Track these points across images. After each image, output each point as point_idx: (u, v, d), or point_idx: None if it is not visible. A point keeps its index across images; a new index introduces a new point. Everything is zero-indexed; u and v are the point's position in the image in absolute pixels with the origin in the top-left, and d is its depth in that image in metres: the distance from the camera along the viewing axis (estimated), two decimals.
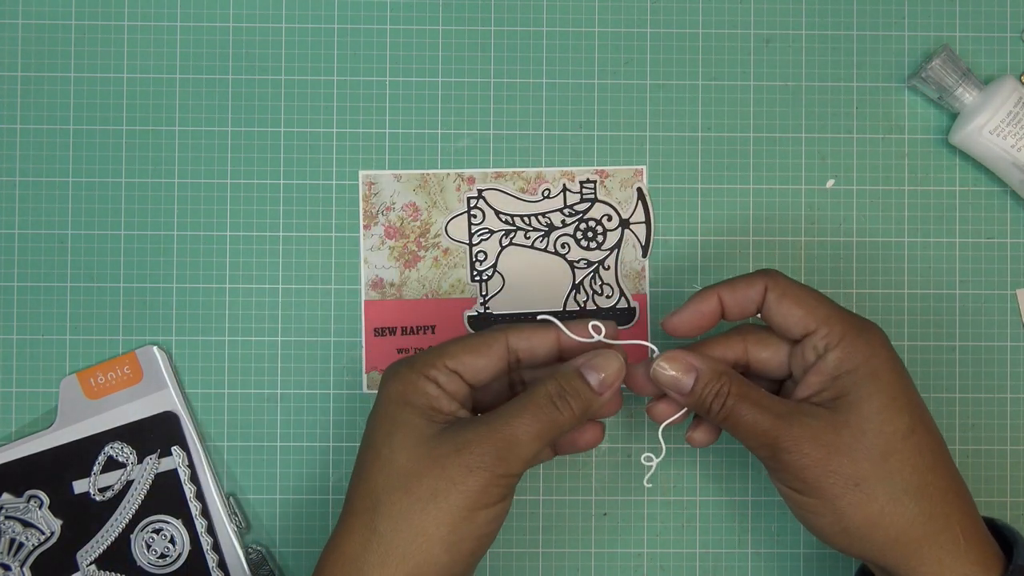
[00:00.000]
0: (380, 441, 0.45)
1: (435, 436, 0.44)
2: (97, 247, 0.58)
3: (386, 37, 0.58)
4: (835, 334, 0.45)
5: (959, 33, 0.59)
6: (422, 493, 0.43)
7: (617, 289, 0.58)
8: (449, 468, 0.43)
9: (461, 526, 0.43)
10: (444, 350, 0.46)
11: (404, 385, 0.45)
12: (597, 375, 0.46)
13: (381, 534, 0.43)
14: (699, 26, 0.58)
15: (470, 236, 0.57)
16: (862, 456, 0.44)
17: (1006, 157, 0.55)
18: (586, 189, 0.57)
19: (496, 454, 0.43)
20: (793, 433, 0.44)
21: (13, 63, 0.58)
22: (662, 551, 0.58)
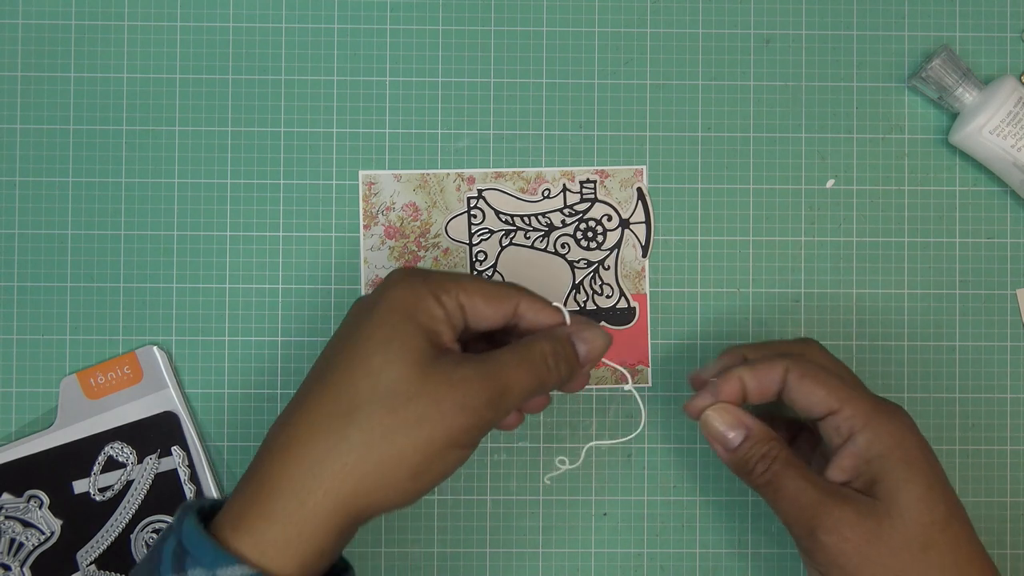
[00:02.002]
0: (373, 348, 0.42)
1: (432, 362, 0.42)
2: (97, 247, 0.58)
3: (386, 37, 0.58)
4: (860, 415, 0.45)
5: (959, 33, 0.59)
6: (408, 416, 0.41)
7: (617, 289, 0.57)
8: (442, 400, 0.41)
9: (434, 459, 0.41)
10: (461, 283, 0.44)
11: (414, 298, 0.43)
12: (584, 347, 0.46)
13: (352, 444, 0.41)
14: (699, 26, 0.58)
15: (470, 236, 0.57)
16: (902, 547, 0.43)
17: (1006, 157, 0.55)
18: (586, 189, 0.57)
19: (488, 398, 0.42)
20: (835, 515, 0.43)
21: (13, 63, 0.58)
22: (662, 551, 0.58)
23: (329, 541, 0.41)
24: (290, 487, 0.40)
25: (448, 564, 0.58)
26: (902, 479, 0.44)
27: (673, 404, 0.58)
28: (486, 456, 0.58)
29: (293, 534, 0.40)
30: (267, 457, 0.42)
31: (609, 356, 0.57)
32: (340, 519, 0.41)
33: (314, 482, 0.40)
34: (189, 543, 0.40)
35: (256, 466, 0.42)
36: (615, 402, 0.58)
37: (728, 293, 0.58)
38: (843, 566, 0.43)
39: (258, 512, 0.40)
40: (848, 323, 0.58)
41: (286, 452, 0.41)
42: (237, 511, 0.41)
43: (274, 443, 0.42)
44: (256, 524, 0.40)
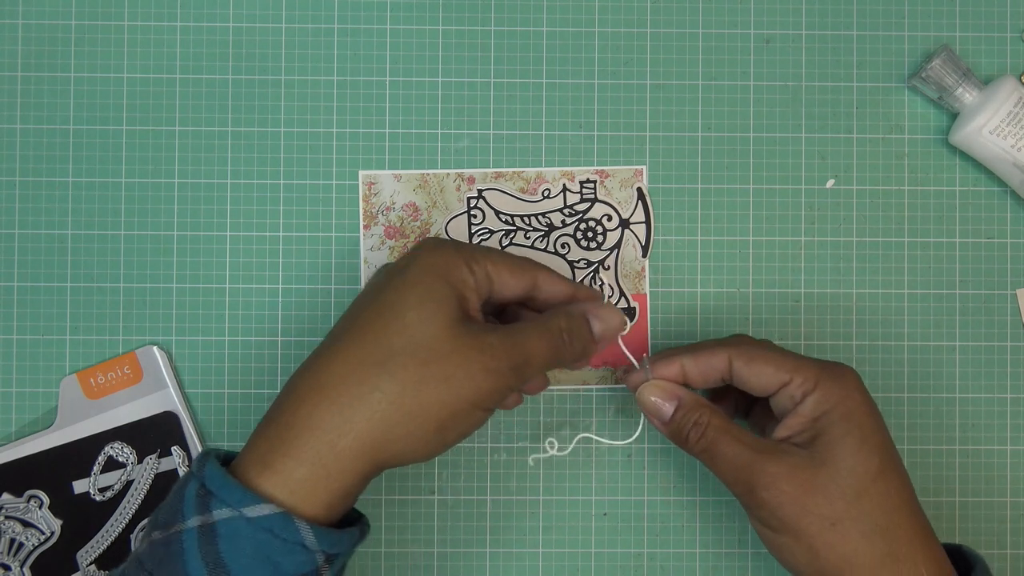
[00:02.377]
0: (408, 305, 0.43)
1: (462, 325, 0.44)
2: (97, 247, 0.58)
3: (386, 37, 0.58)
4: (810, 380, 0.47)
5: (959, 33, 0.59)
6: (438, 372, 0.43)
7: (617, 289, 0.57)
8: (472, 362, 0.43)
9: (459, 416, 0.43)
10: (490, 255, 0.47)
11: (447, 263, 0.45)
12: (600, 325, 0.48)
13: (384, 393, 0.42)
14: (699, 26, 0.58)
15: (470, 236, 0.57)
16: (837, 495, 0.45)
17: (1006, 157, 0.55)
18: (586, 189, 0.57)
19: (512, 365, 0.44)
20: (770, 470, 0.46)
21: (13, 63, 0.58)
22: (662, 551, 0.58)
23: (355, 484, 0.43)
24: (321, 429, 0.42)
25: (448, 564, 0.58)
26: (839, 433, 0.46)
27: None
28: (486, 456, 0.58)
29: (322, 475, 0.42)
30: (294, 402, 0.43)
31: (607, 358, 0.57)
32: (365, 464, 0.42)
33: (345, 426, 0.42)
34: (213, 485, 0.41)
35: (281, 410, 0.43)
36: (615, 402, 0.58)
37: (728, 293, 0.58)
38: (782, 517, 0.45)
39: (285, 452, 0.42)
40: (848, 323, 0.58)
41: (317, 396, 0.43)
42: (261, 453, 0.42)
43: (303, 389, 0.43)
44: (284, 464, 0.42)
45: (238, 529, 0.41)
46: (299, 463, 0.42)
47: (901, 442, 0.58)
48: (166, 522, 0.42)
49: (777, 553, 0.47)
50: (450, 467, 0.58)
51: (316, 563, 0.42)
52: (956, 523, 0.58)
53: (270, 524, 0.41)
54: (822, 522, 0.45)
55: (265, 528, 0.41)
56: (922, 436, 0.58)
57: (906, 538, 0.45)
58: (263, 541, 0.41)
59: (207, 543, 0.41)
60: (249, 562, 0.41)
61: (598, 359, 0.58)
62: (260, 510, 0.41)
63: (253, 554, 0.41)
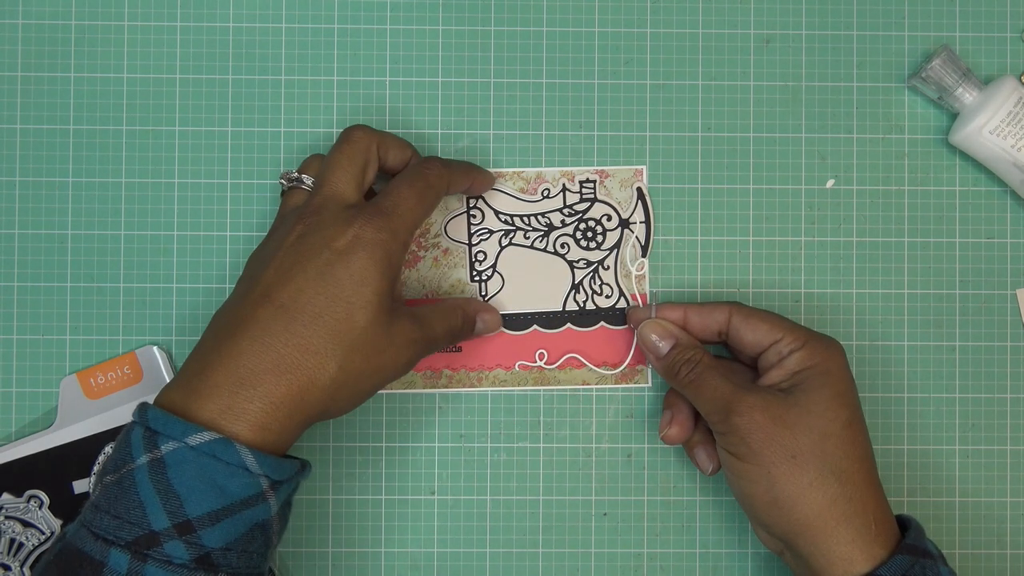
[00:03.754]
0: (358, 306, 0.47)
1: (393, 315, 0.49)
2: (97, 247, 0.58)
3: (386, 37, 0.58)
4: (799, 340, 0.51)
5: (959, 33, 0.59)
6: (376, 364, 0.48)
7: (616, 289, 0.57)
8: (399, 348, 0.49)
9: (383, 382, 0.49)
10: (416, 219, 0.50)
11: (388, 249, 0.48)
12: (482, 325, 0.56)
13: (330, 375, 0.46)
14: (699, 26, 0.58)
15: (469, 236, 0.57)
16: (803, 433, 0.48)
17: (1006, 157, 0.55)
18: (586, 189, 0.57)
19: (425, 344, 0.50)
20: (748, 399, 0.49)
21: (13, 63, 0.58)
22: (662, 551, 0.58)
23: (295, 425, 0.46)
24: (279, 402, 0.45)
25: (448, 564, 0.58)
26: (817, 384, 0.50)
27: None
28: (486, 456, 0.58)
29: (264, 410, 0.45)
30: (247, 376, 0.46)
31: (606, 355, 0.57)
32: (301, 414, 0.46)
33: (302, 403, 0.46)
34: (157, 425, 0.45)
35: (216, 347, 0.46)
36: (615, 402, 0.58)
37: (728, 293, 0.58)
38: (750, 444, 0.49)
39: (234, 384, 0.45)
40: (848, 323, 0.58)
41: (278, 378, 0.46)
42: (199, 389, 0.45)
43: (237, 329, 0.46)
44: (229, 395, 0.45)
45: (184, 457, 0.44)
46: (246, 401, 0.45)
47: (901, 442, 0.58)
48: (116, 467, 0.45)
49: (738, 483, 0.50)
50: (450, 467, 0.58)
51: (260, 487, 0.45)
52: (956, 523, 0.58)
53: (212, 449, 0.44)
54: (784, 452, 0.48)
55: (208, 453, 0.44)
56: (922, 436, 0.58)
57: (862, 485, 0.49)
58: (207, 466, 0.44)
59: (157, 474, 0.44)
60: (196, 485, 0.44)
61: (597, 360, 0.58)
62: (202, 436, 0.44)
63: (199, 478, 0.44)
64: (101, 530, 0.44)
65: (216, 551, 0.44)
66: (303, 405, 0.46)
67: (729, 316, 0.53)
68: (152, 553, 0.43)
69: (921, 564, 0.47)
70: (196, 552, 0.43)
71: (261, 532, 0.46)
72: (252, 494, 0.45)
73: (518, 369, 0.58)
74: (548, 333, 0.57)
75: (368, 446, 0.58)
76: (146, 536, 0.43)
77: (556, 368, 0.58)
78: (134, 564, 0.43)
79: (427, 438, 0.58)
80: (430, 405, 0.58)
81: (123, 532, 0.43)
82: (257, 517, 0.45)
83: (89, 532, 0.44)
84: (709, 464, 0.54)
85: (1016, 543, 0.58)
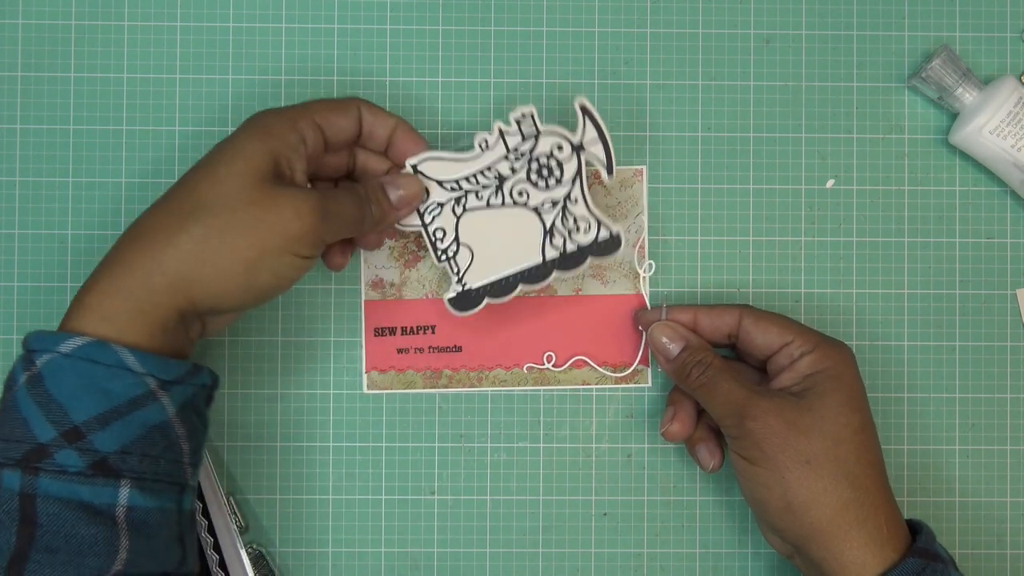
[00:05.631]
0: (221, 161, 0.47)
1: (272, 180, 0.47)
2: (97, 247, 0.58)
3: (386, 37, 0.58)
4: (810, 343, 0.51)
5: (959, 33, 0.59)
6: (245, 218, 0.46)
7: (593, 220, 0.53)
8: (281, 207, 0.46)
9: (267, 257, 0.46)
10: (312, 105, 0.51)
11: (269, 124, 0.48)
12: (396, 192, 0.52)
13: (191, 236, 0.45)
14: (699, 26, 0.58)
15: (420, 217, 0.54)
16: (817, 438, 0.48)
17: (1006, 157, 0.55)
18: (524, 126, 0.53)
19: (320, 213, 0.47)
20: (762, 404, 0.49)
21: (13, 63, 0.58)
22: (662, 551, 0.58)
23: (171, 318, 0.46)
24: (134, 268, 0.45)
25: (448, 564, 0.58)
26: (829, 388, 0.50)
27: None
28: (486, 456, 0.58)
29: (137, 308, 0.45)
30: (114, 251, 0.47)
31: (607, 356, 0.57)
32: (179, 300, 0.45)
33: (155, 264, 0.45)
34: (33, 344, 0.45)
35: (103, 262, 0.47)
36: (615, 402, 0.58)
37: (728, 293, 0.58)
38: (764, 448, 0.49)
39: (101, 291, 0.45)
40: (848, 323, 0.58)
41: (133, 242, 0.46)
42: (81, 299, 0.45)
43: (122, 239, 0.47)
44: (100, 302, 0.45)
45: (59, 365, 0.44)
46: (114, 299, 0.45)
47: (901, 442, 0.58)
48: (3, 395, 0.45)
49: (751, 487, 0.50)
50: (450, 467, 0.58)
51: (147, 386, 0.45)
52: (956, 523, 0.58)
53: (87, 353, 0.43)
54: (798, 457, 0.48)
55: (84, 358, 0.43)
56: (922, 436, 0.58)
57: (873, 490, 0.49)
58: (85, 370, 0.43)
59: (34, 387, 0.43)
60: (77, 391, 0.43)
61: (606, 361, 0.58)
62: (74, 342, 0.44)
63: (79, 384, 0.43)
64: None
65: (112, 455, 0.43)
66: (168, 279, 0.45)
67: (740, 319, 0.53)
68: (43, 465, 0.42)
69: (932, 568, 0.47)
70: (90, 458, 0.43)
71: (161, 435, 0.45)
72: (139, 393, 0.44)
73: (522, 370, 0.58)
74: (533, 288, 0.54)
75: (368, 446, 0.58)
76: (35, 450, 0.43)
77: (555, 368, 0.58)
78: (26, 479, 0.42)
79: (427, 438, 0.58)
80: (430, 405, 0.58)
81: (11, 452, 0.43)
82: (151, 418, 0.44)
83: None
84: (711, 461, 0.54)
85: (1016, 543, 0.58)
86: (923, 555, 0.48)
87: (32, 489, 0.42)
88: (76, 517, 0.42)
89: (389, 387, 0.58)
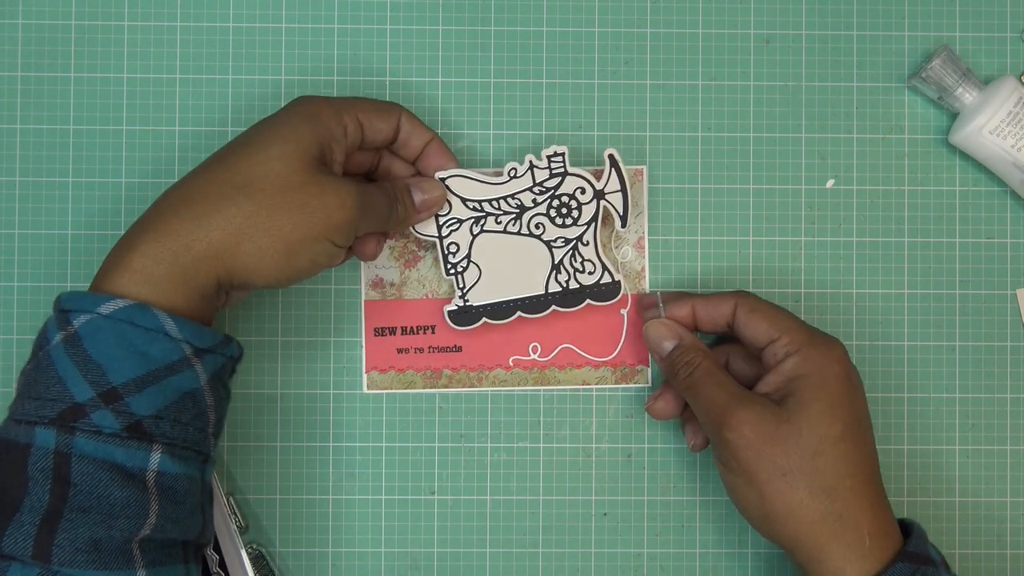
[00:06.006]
0: (272, 141, 0.47)
1: (320, 167, 0.48)
2: (97, 247, 0.58)
3: (386, 37, 0.58)
4: (795, 343, 0.50)
5: (959, 33, 0.59)
6: (294, 200, 0.47)
7: (599, 264, 0.56)
8: (326, 194, 0.47)
9: (308, 242, 0.47)
10: (358, 103, 0.52)
11: (318, 112, 0.49)
12: (420, 195, 0.53)
13: (241, 209, 0.46)
14: (699, 26, 0.58)
15: (438, 228, 0.55)
16: (794, 450, 0.48)
17: (1006, 157, 0.55)
18: (554, 163, 0.55)
19: (361, 205, 0.49)
20: (740, 414, 0.49)
21: (13, 63, 0.58)
22: (662, 551, 0.58)
23: (209, 286, 0.46)
24: (179, 234, 0.45)
25: (448, 564, 0.58)
26: (810, 396, 0.49)
27: None
28: (486, 456, 0.58)
29: (178, 272, 0.45)
30: (156, 212, 0.47)
31: (600, 347, 0.57)
32: (220, 270, 0.46)
33: (201, 232, 0.45)
34: (68, 304, 0.44)
35: (143, 221, 0.47)
36: (615, 402, 0.58)
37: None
38: (740, 459, 0.48)
39: (143, 253, 0.45)
40: (848, 323, 0.58)
41: (178, 206, 0.46)
42: (119, 259, 0.45)
43: (165, 202, 0.47)
44: (142, 263, 0.45)
45: (98, 327, 0.43)
46: (157, 262, 0.45)
47: (901, 442, 0.58)
48: (34, 354, 0.45)
49: (732, 495, 0.50)
50: (450, 467, 0.58)
51: (183, 352, 0.45)
52: (956, 523, 0.58)
53: (128, 315, 0.43)
54: (774, 470, 0.48)
55: (124, 320, 0.43)
56: (922, 436, 0.58)
57: (853, 501, 0.48)
58: (124, 332, 0.43)
59: (72, 347, 0.43)
60: (116, 352, 0.43)
61: (591, 350, 0.58)
62: (115, 304, 0.43)
63: (118, 345, 0.43)
64: (23, 415, 0.43)
65: (147, 419, 0.43)
66: (212, 248, 0.45)
67: (735, 309, 0.52)
68: (80, 425, 0.42)
69: (922, 572, 0.47)
70: (126, 420, 0.43)
71: (192, 402, 0.45)
72: (176, 359, 0.44)
73: (513, 365, 0.58)
74: (533, 319, 0.56)
75: (368, 446, 0.58)
76: (71, 409, 0.42)
77: (555, 367, 0.58)
78: (62, 438, 0.42)
79: (427, 438, 0.58)
80: (430, 405, 0.58)
81: (45, 410, 0.43)
82: (185, 385, 0.45)
83: (12, 421, 0.43)
84: (692, 440, 0.54)
85: (1016, 543, 0.58)
86: (913, 559, 0.47)
87: (67, 448, 0.42)
88: (109, 478, 0.42)
89: (389, 387, 0.58)
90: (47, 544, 0.41)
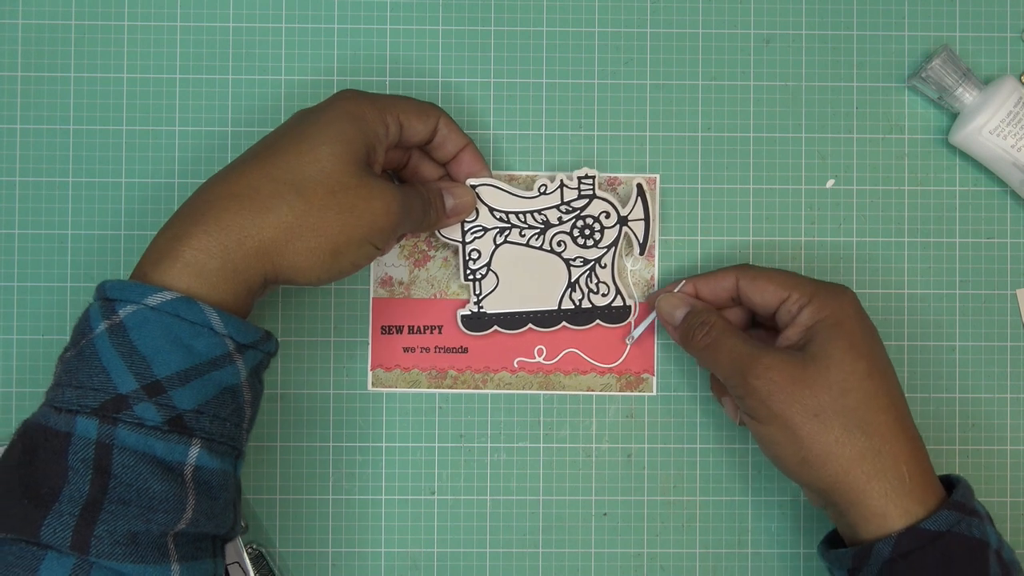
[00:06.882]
0: (323, 140, 0.47)
1: (365, 167, 0.48)
2: (97, 247, 0.58)
3: (386, 37, 0.58)
4: (806, 294, 0.51)
5: (959, 33, 0.59)
6: (344, 201, 0.47)
7: (613, 287, 0.57)
8: (373, 198, 0.48)
9: (353, 244, 0.47)
10: (399, 102, 0.52)
11: (364, 112, 0.49)
12: (451, 200, 0.54)
13: (293, 208, 0.46)
14: (699, 26, 0.58)
15: (463, 234, 0.57)
16: (822, 390, 0.48)
17: (1006, 157, 0.55)
18: (584, 185, 0.57)
19: (403, 210, 0.49)
20: (764, 360, 0.49)
21: (13, 63, 0.58)
22: (662, 551, 0.58)
23: (256, 283, 0.46)
24: (231, 229, 0.45)
25: (448, 564, 0.58)
26: (830, 337, 0.49)
27: (673, 404, 0.58)
28: (486, 456, 0.58)
29: (229, 268, 0.45)
30: (205, 204, 0.46)
31: (603, 356, 0.57)
32: (266, 265, 0.46)
33: (253, 228, 0.45)
34: (114, 293, 0.44)
35: (190, 212, 0.46)
36: (615, 402, 0.58)
37: None
38: (770, 406, 0.48)
39: (194, 246, 0.45)
40: None
41: (229, 201, 0.46)
42: (166, 250, 0.45)
43: (214, 195, 0.46)
44: (194, 256, 0.45)
45: (145, 318, 0.43)
46: (209, 256, 0.45)
47: None
48: (74, 342, 0.44)
49: (766, 447, 0.50)
50: (450, 467, 0.58)
51: (227, 347, 0.45)
52: None
53: (175, 308, 0.43)
54: (806, 412, 0.48)
55: (171, 312, 0.43)
56: (922, 436, 0.58)
57: (889, 436, 0.48)
58: (171, 325, 0.43)
59: (118, 337, 0.43)
60: (162, 345, 0.43)
61: (594, 356, 0.58)
62: (162, 296, 0.43)
63: (164, 338, 0.43)
64: (64, 403, 0.42)
65: (188, 413, 0.43)
66: (262, 245, 0.45)
67: (736, 281, 0.53)
68: (123, 416, 0.42)
69: (967, 522, 0.47)
70: (168, 414, 0.43)
71: (232, 398, 0.45)
72: (219, 354, 0.44)
73: (518, 368, 0.58)
74: (543, 332, 0.57)
75: (368, 446, 0.58)
76: (113, 400, 0.42)
77: (560, 372, 0.58)
78: (104, 429, 0.42)
79: (427, 438, 0.58)
80: (430, 405, 0.58)
81: (88, 400, 0.42)
82: (226, 380, 0.45)
83: (51, 408, 0.43)
84: (735, 412, 0.54)
85: (1016, 543, 0.58)
86: (959, 508, 0.47)
87: (110, 439, 0.42)
88: (150, 471, 0.42)
89: (394, 385, 0.58)
90: (86, 535, 0.41)
